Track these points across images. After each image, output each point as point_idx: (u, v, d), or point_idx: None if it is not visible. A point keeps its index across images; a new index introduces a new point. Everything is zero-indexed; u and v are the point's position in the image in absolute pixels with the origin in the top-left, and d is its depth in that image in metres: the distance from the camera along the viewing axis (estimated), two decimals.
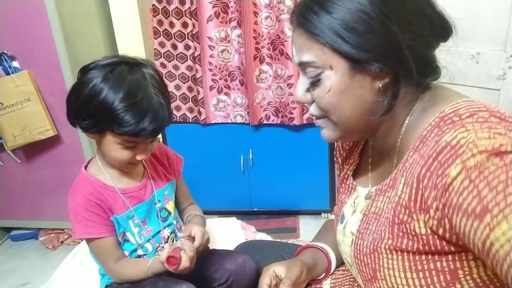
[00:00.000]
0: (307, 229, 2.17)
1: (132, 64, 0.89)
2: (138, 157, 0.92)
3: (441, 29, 0.65)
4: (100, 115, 0.85)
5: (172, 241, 1.07)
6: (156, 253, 1.03)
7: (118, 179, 0.99)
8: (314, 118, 0.72)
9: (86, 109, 0.86)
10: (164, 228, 1.05)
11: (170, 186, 1.07)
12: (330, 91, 0.64)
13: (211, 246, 1.14)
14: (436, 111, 0.62)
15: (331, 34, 0.60)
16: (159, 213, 1.03)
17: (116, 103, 0.83)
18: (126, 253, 1.01)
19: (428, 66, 0.65)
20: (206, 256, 1.07)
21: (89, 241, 0.97)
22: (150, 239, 1.02)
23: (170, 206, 1.06)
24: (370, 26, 0.59)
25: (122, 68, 0.87)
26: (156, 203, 1.03)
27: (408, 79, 0.63)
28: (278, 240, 1.34)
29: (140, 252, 1.02)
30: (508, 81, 1.53)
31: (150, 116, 0.85)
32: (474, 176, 0.50)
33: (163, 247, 1.03)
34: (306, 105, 0.71)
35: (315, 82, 0.65)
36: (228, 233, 1.53)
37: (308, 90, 0.67)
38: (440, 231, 0.56)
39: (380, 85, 0.63)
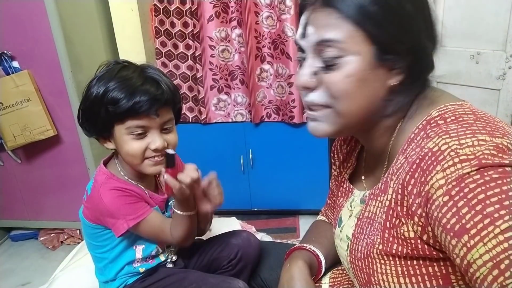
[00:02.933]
0: (307, 229, 2.17)
1: (128, 63, 0.91)
2: (152, 146, 0.87)
3: (434, 33, 0.65)
4: (97, 105, 0.85)
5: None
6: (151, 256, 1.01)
7: (145, 185, 0.97)
8: (309, 109, 0.66)
9: (92, 110, 0.87)
10: None
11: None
12: (351, 77, 0.60)
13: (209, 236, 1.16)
14: (424, 114, 0.62)
15: (366, 18, 0.58)
16: None
17: (108, 84, 0.84)
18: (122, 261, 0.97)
19: (429, 71, 0.65)
20: (209, 240, 1.08)
21: (140, 224, 0.90)
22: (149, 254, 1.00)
23: None
24: (403, 18, 0.59)
25: (114, 66, 0.89)
26: (165, 213, 1.01)
27: (415, 81, 0.63)
28: (278, 240, 1.34)
29: (136, 264, 0.98)
30: (508, 81, 1.54)
31: (143, 89, 0.84)
32: (454, 193, 0.50)
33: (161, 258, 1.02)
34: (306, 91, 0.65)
35: (331, 65, 0.60)
36: None
37: (315, 74, 0.63)
38: (425, 237, 0.56)
39: (391, 84, 0.62)
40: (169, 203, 1.03)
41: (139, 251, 0.97)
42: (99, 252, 0.98)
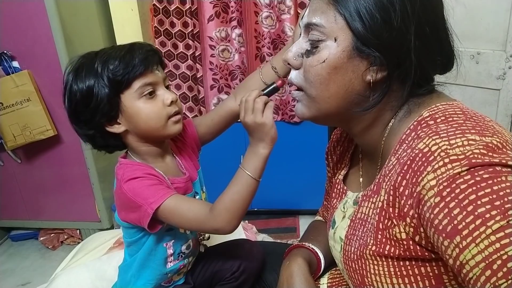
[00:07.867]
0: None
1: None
2: (167, 101, 0.83)
3: (446, 58, 0.65)
4: (97, 83, 0.82)
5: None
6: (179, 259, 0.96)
7: (164, 171, 0.88)
8: (291, 88, 0.70)
9: (91, 92, 0.84)
10: None
11: (200, 175, 1.00)
12: (325, 62, 0.62)
13: (212, 244, 1.15)
14: (416, 115, 0.63)
15: (351, 8, 0.59)
16: None
17: (98, 63, 0.82)
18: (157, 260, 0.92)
19: (426, 80, 0.65)
20: (212, 251, 1.07)
21: (165, 207, 0.80)
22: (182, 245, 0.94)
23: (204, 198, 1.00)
24: (390, 17, 0.58)
25: (85, 57, 0.87)
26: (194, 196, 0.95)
27: (401, 84, 0.63)
28: (278, 241, 1.34)
29: (170, 265, 0.93)
30: (508, 81, 1.54)
31: (135, 48, 0.82)
32: (445, 194, 0.50)
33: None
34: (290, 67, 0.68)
35: (312, 49, 0.63)
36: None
37: (301, 55, 0.66)
38: (417, 238, 0.57)
39: (371, 80, 0.62)
40: (195, 182, 0.95)
41: (169, 247, 0.92)
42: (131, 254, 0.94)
